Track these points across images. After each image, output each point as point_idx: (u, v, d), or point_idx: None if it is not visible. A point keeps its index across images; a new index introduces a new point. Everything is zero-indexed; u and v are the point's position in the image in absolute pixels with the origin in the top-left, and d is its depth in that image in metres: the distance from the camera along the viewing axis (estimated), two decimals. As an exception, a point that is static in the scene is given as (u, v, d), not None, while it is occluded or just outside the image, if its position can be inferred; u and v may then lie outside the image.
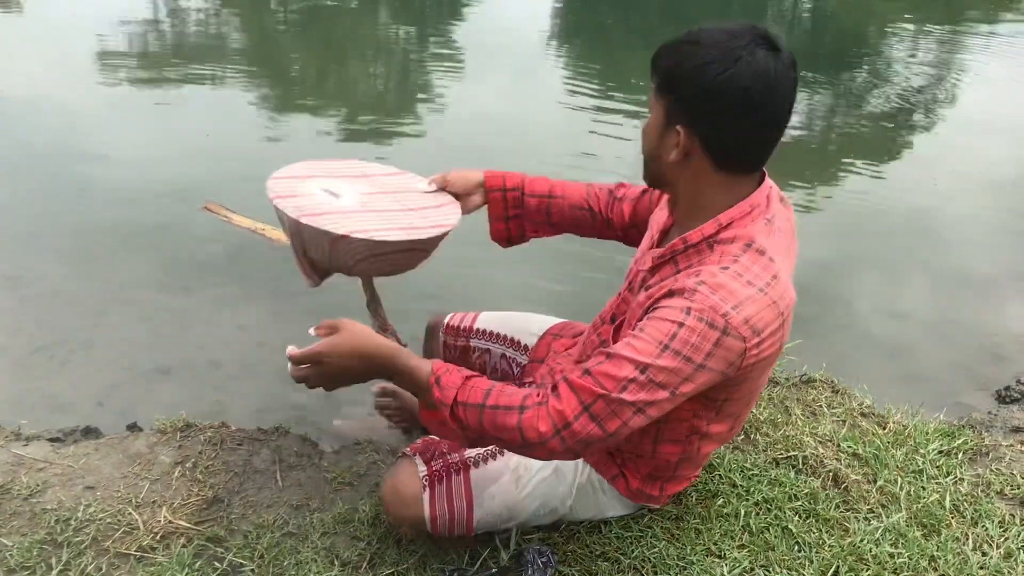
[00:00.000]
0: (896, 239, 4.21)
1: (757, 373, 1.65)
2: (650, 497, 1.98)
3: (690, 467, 1.93)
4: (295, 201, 1.91)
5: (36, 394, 2.73)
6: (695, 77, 1.49)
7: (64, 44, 6.87)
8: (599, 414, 1.49)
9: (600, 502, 1.99)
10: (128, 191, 4.14)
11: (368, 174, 2.14)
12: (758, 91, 1.48)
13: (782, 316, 1.56)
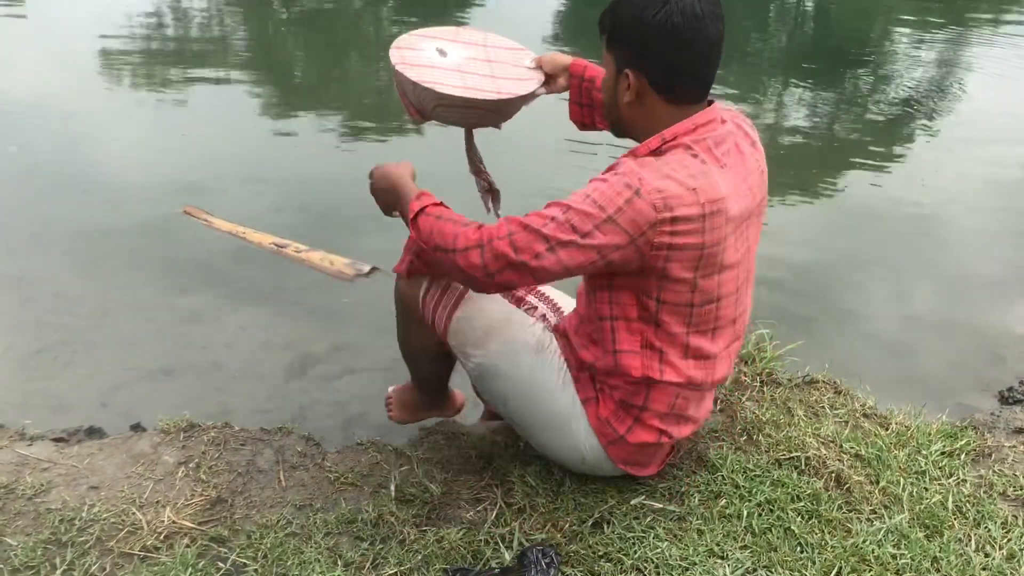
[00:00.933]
0: (899, 239, 4.21)
1: (680, 269, 1.74)
2: (616, 437, 1.99)
3: (659, 406, 1.94)
4: (406, 53, 2.18)
5: (40, 394, 2.74)
6: (633, 23, 1.74)
7: (66, 44, 6.88)
8: (518, 241, 1.71)
9: (567, 426, 2.02)
10: (131, 192, 4.15)
11: (487, 44, 2.34)
12: (688, 27, 1.70)
13: (701, 207, 1.69)
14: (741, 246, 1.84)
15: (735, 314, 1.93)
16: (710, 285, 1.80)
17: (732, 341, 1.99)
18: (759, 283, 3.49)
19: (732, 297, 1.88)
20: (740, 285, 1.90)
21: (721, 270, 1.80)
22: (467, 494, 2.17)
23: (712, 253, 1.75)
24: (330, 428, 2.65)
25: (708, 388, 2.01)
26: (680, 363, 1.88)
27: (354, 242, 3.62)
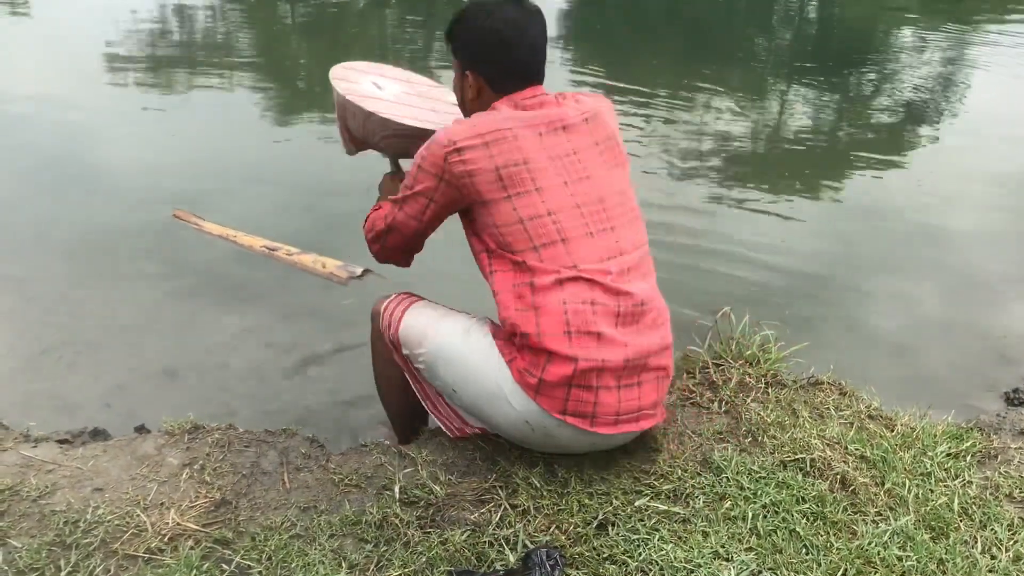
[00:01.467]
0: (904, 240, 4.20)
1: (489, 190, 2.02)
2: (536, 381, 2.01)
3: (553, 327, 1.98)
4: (347, 84, 2.40)
5: (44, 396, 2.75)
6: (468, 33, 2.13)
7: (71, 46, 6.91)
8: (384, 211, 2.20)
9: (502, 393, 2.08)
10: (135, 193, 4.16)
11: (411, 80, 2.65)
12: (511, 33, 2.09)
13: (481, 136, 2.02)
14: (564, 169, 2.07)
15: (592, 228, 2.07)
16: (531, 201, 2.02)
17: (613, 255, 2.08)
18: (764, 282, 3.49)
19: (573, 211, 2.05)
20: (582, 202, 2.07)
21: (539, 189, 2.03)
22: (471, 496, 2.16)
23: (511, 173, 2.02)
24: (334, 430, 2.66)
25: (605, 299, 2.03)
26: (545, 277, 2.00)
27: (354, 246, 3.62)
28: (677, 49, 8.19)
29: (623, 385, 2.05)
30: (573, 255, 2.03)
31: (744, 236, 4.06)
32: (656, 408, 2.17)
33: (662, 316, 2.16)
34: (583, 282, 2.01)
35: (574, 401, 2.02)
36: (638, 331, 2.07)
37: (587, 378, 2.00)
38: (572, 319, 1.99)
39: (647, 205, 4.26)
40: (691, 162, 5.05)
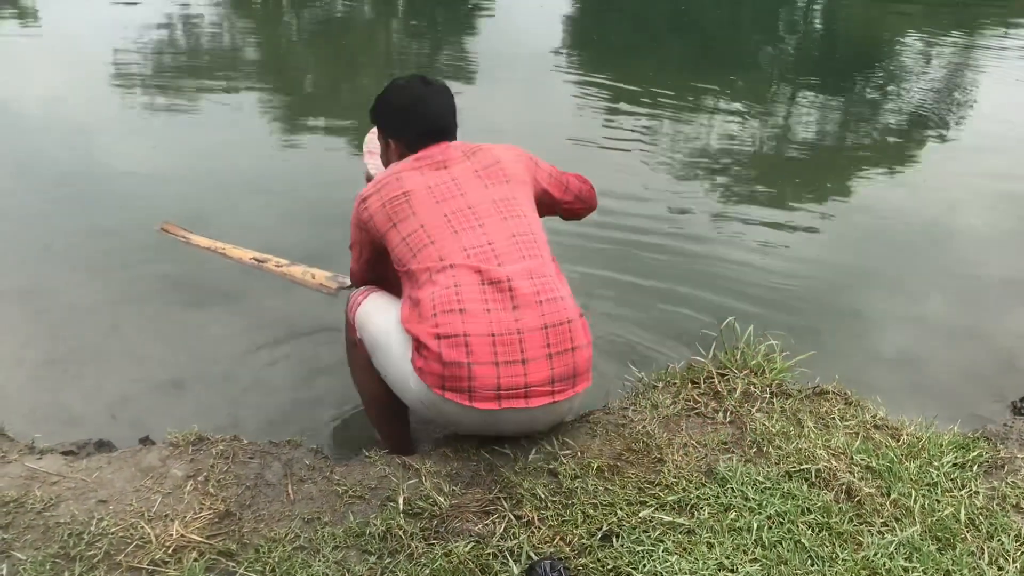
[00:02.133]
0: (909, 248, 4.19)
1: (379, 224, 2.39)
2: (420, 362, 2.22)
3: (425, 314, 2.22)
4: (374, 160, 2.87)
5: (50, 407, 2.75)
6: (383, 108, 2.58)
7: (79, 57, 6.95)
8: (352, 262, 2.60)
9: (404, 377, 2.31)
10: (141, 205, 4.17)
11: None
12: (417, 105, 2.51)
13: (376, 185, 2.43)
14: (439, 193, 2.37)
15: (457, 227, 2.32)
16: (409, 222, 2.35)
17: (480, 245, 2.29)
18: (769, 290, 3.49)
19: (441, 219, 2.33)
20: (450, 211, 2.35)
21: (415, 213, 2.35)
22: (475, 507, 2.16)
23: (394, 206, 2.37)
24: (338, 441, 2.66)
25: (470, 280, 2.24)
26: (421, 277, 2.28)
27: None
28: (681, 57, 8.19)
29: (502, 362, 2.17)
30: (440, 251, 2.29)
31: (749, 244, 4.06)
32: (557, 385, 2.23)
33: (546, 295, 2.26)
34: (448, 270, 2.25)
35: (450, 378, 2.17)
36: (509, 308, 2.21)
37: (455, 352, 2.16)
38: (438, 303, 2.21)
39: (652, 215, 4.28)
40: (695, 170, 5.05)
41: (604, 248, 3.92)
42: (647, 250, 3.92)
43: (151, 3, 9.15)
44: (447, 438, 2.49)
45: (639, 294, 3.58)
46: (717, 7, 10.61)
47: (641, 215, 4.33)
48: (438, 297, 2.21)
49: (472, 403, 2.17)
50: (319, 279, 3.25)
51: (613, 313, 3.43)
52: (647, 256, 3.87)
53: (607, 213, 4.28)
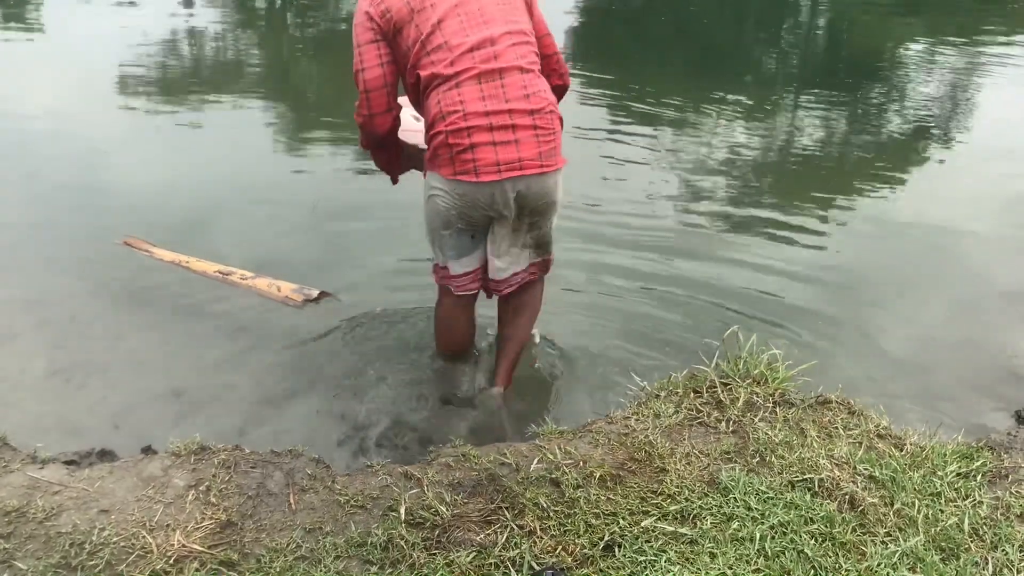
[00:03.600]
0: (913, 257, 4.18)
1: (400, 14, 2.57)
2: (433, 160, 2.62)
3: (431, 117, 2.58)
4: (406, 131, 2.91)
5: (52, 417, 2.75)
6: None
7: (83, 66, 6.98)
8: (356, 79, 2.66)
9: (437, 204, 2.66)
10: (146, 216, 4.18)
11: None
12: None
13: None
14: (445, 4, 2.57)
15: (468, 27, 2.56)
16: (428, 19, 2.55)
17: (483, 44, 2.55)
18: (771, 300, 3.48)
19: (454, 20, 2.56)
20: (464, 13, 2.57)
21: (434, 6, 2.55)
22: (477, 517, 2.16)
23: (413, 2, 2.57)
24: (340, 450, 2.65)
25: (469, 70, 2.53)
26: (427, 79, 2.56)
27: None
28: (685, 65, 8.21)
29: (499, 142, 2.55)
30: (452, 53, 2.54)
31: (752, 253, 4.05)
32: (541, 159, 2.60)
33: (532, 89, 2.60)
34: (454, 78, 2.54)
35: (459, 162, 2.56)
36: (502, 99, 2.55)
37: (461, 143, 2.54)
38: (444, 106, 2.54)
39: (655, 224, 4.29)
40: (699, 180, 5.04)
41: (606, 256, 3.92)
42: (649, 258, 3.92)
43: (152, 5, 9.20)
44: (448, 447, 2.49)
45: (641, 303, 3.57)
46: (721, 17, 10.64)
47: (643, 223, 4.33)
48: (443, 99, 2.54)
49: (478, 178, 2.55)
50: (285, 291, 3.24)
51: (615, 322, 3.43)
52: (649, 264, 3.86)
53: (609, 221, 4.29)
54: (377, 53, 2.61)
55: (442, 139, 2.55)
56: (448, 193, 2.62)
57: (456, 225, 2.70)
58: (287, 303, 3.21)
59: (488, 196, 2.59)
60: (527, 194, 2.62)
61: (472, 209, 2.64)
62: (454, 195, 2.61)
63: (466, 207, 2.64)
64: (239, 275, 3.34)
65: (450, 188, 2.60)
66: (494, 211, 2.64)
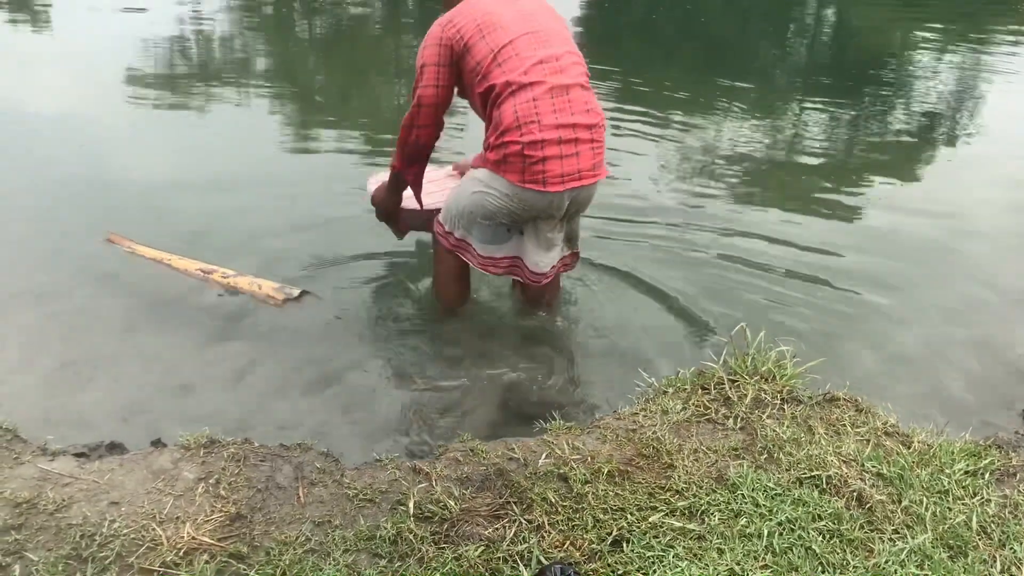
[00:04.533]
0: (921, 256, 4.18)
1: (469, 34, 2.84)
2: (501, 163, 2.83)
3: (507, 124, 2.78)
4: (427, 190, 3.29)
5: (62, 410, 2.76)
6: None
7: (89, 62, 7.00)
8: (414, 92, 2.94)
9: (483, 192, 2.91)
10: (153, 210, 4.19)
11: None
12: None
13: (459, 10, 2.90)
14: (522, 14, 2.88)
15: (536, 44, 2.85)
16: (498, 37, 2.82)
17: (549, 61, 2.83)
18: (780, 297, 3.48)
19: (524, 36, 2.84)
20: (531, 30, 2.86)
21: (505, 27, 2.83)
22: (485, 511, 2.16)
23: (486, 20, 2.83)
24: (349, 444, 2.65)
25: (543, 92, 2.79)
26: (500, 88, 2.80)
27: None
28: (692, 64, 8.20)
29: (564, 155, 2.80)
30: (523, 63, 2.79)
31: (759, 250, 4.05)
32: (595, 170, 2.90)
33: (591, 104, 2.89)
34: (528, 87, 2.78)
35: (529, 172, 2.78)
36: (569, 112, 2.81)
37: (535, 154, 2.77)
38: (521, 115, 2.76)
39: (662, 220, 4.29)
40: (706, 177, 5.05)
41: (614, 253, 3.92)
42: (656, 255, 3.92)
43: (160, 10, 9.23)
44: (457, 442, 2.49)
45: (649, 299, 3.57)
46: (728, 15, 10.63)
47: (651, 220, 4.33)
48: (520, 110, 2.77)
49: (546, 188, 2.81)
50: (265, 290, 3.25)
51: (623, 318, 3.43)
52: (656, 261, 3.86)
53: (617, 219, 4.30)
54: (436, 74, 2.89)
55: (517, 149, 2.77)
56: (508, 197, 2.87)
57: (499, 220, 2.96)
58: (268, 302, 3.23)
59: (547, 202, 2.87)
60: (578, 199, 2.93)
61: (526, 212, 2.91)
62: (515, 199, 2.87)
63: (521, 210, 2.91)
64: (220, 273, 3.36)
65: (513, 193, 2.85)
66: (546, 214, 2.92)
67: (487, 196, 2.90)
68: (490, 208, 2.91)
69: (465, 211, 2.99)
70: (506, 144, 2.79)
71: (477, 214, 2.96)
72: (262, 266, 3.64)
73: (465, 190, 2.98)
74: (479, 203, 2.92)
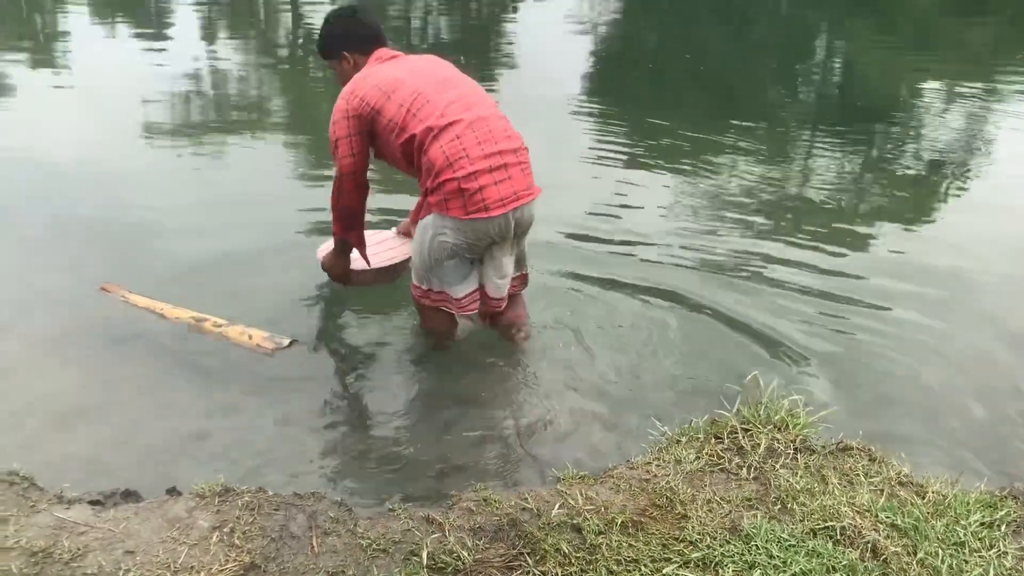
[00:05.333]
0: (932, 300, 4.16)
1: (375, 99, 3.07)
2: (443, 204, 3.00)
3: (440, 166, 2.96)
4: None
5: (78, 456, 2.77)
6: (331, 33, 3.34)
7: (108, 106, 7.11)
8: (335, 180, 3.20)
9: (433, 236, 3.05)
10: (175, 255, 4.23)
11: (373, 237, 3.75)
12: (356, 20, 3.34)
13: (365, 80, 3.13)
14: (420, 69, 3.15)
15: (445, 88, 3.09)
16: (404, 93, 3.05)
17: (459, 100, 3.05)
18: (792, 344, 3.46)
19: (431, 84, 3.08)
20: (435, 80, 3.11)
21: (407, 83, 3.07)
22: (499, 562, 2.16)
23: (387, 84, 3.08)
24: (362, 492, 2.66)
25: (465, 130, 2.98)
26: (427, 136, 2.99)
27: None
28: (700, 107, 8.26)
29: (498, 181, 2.98)
30: (437, 107, 3.00)
31: (769, 296, 4.05)
32: (530, 189, 3.10)
33: (510, 129, 3.10)
34: (449, 127, 2.97)
35: (471, 204, 2.96)
36: (492, 141, 3.00)
37: (471, 186, 2.94)
38: (450, 154, 2.94)
39: (672, 266, 4.30)
40: (714, 221, 5.05)
41: (623, 300, 3.93)
42: (666, 302, 3.92)
43: (180, 53, 9.40)
44: (470, 491, 2.50)
45: (660, 347, 3.57)
46: (735, 59, 10.73)
47: (660, 266, 4.33)
48: (448, 149, 2.95)
49: (489, 214, 2.96)
50: (256, 339, 3.27)
51: (635, 366, 3.44)
52: (666, 308, 3.87)
53: (626, 263, 4.31)
54: (350, 144, 3.11)
55: (455, 185, 2.94)
56: (460, 231, 3.02)
57: (462, 255, 3.11)
58: (257, 351, 3.24)
59: (496, 227, 3.03)
60: (521, 219, 3.10)
61: (481, 240, 3.06)
62: (467, 231, 3.02)
63: (476, 240, 3.06)
64: (212, 322, 3.38)
65: (463, 227, 3.00)
66: (499, 237, 3.08)
67: (443, 237, 3.04)
68: (449, 246, 3.05)
69: (431, 259, 3.11)
70: (443, 184, 2.96)
71: (442, 257, 3.09)
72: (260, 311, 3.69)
73: (423, 241, 3.10)
74: (440, 246, 3.06)
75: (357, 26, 3.31)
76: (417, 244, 3.14)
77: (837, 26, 13.13)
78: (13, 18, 11.50)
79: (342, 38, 3.31)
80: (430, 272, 3.15)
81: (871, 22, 12.90)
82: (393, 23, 11.75)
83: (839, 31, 12.83)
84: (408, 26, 12.22)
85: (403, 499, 2.55)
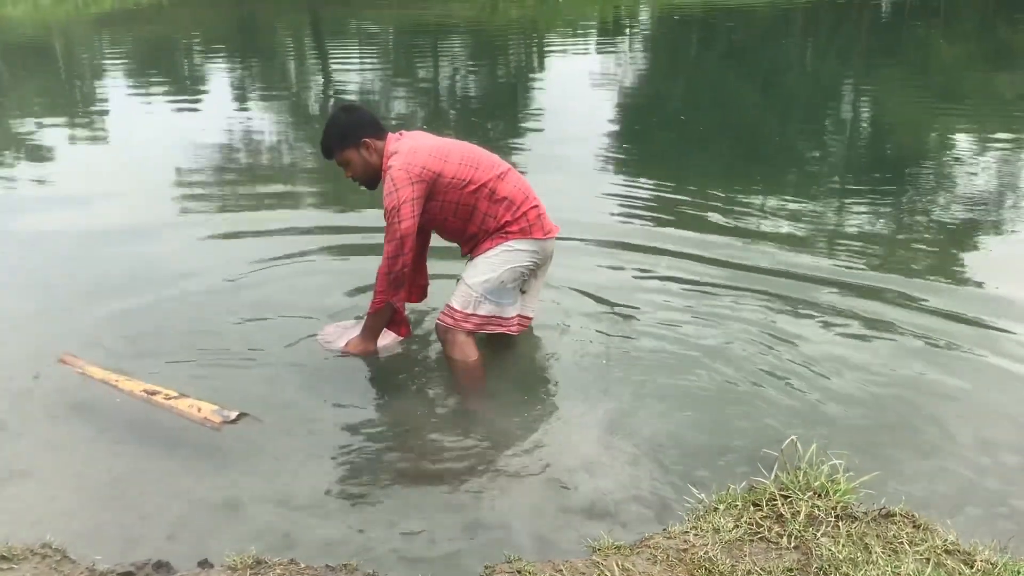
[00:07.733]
0: (972, 359, 4.07)
1: (434, 165, 3.55)
2: (527, 230, 3.70)
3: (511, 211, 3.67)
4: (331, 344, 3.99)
5: (110, 526, 2.77)
6: (342, 130, 3.66)
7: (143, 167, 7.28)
8: (391, 243, 3.55)
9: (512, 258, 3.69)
10: (206, 321, 4.27)
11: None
12: (361, 110, 3.79)
13: (415, 151, 3.56)
14: (451, 145, 3.69)
15: (477, 151, 3.75)
16: (456, 156, 3.62)
17: (500, 163, 3.75)
18: (829, 407, 3.40)
19: (468, 149, 3.71)
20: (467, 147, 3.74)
21: (452, 150, 3.64)
22: (535, 638, 2.11)
23: (437, 151, 3.59)
24: (393, 562, 2.62)
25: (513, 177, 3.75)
26: (488, 181, 3.66)
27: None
28: (728, 160, 8.28)
29: (542, 214, 3.74)
30: (489, 162, 3.67)
31: (805, 358, 3.98)
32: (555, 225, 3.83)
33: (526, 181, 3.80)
34: (505, 174, 3.67)
35: (544, 227, 3.72)
36: (526, 186, 3.74)
37: (537, 210, 3.71)
38: (520, 190, 3.68)
39: (703, 327, 4.24)
40: (745, 280, 4.99)
41: (657, 362, 3.90)
42: (700, 366, 3.88)
43: (212, 113, 9.61)
44: (500, 564, 2.45)
45: (695, 412, 3.52)
46: (762, 110, 10.79)
47: (691, 326, 4.29)
48: (516, 187, 3.66)
49: (551, 235, 3.75)
50: (204, 412, 3.24)
51: (670, 431, 3.38)
52: (701, 371, 3.83)
53: (656, 323, 4.28)
54: (412, 208, 3.48)
55: (536, 212, 3.68)
56: (535, 252, 3.69)
57: (525, 277, 3.73)
58: (205, 424, 3.20)
59: (552, 247, 3.79)
60: (552, 247, 3.81)
61: (541, 260, 3.75)
62: (539, 252, 3.71)
63: (541, 260, 3.76)
64: (163, 395, 3.35)
65: (537, 247, 3.69)
66: (546, 259, 3.80)
67: (519, 261, 3.66)
68: (520, 268, 3.68)
69: (501, 284, 3.65)
70: (526, 213, 3.65)
71: (509, 281, 3.66)
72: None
73: (493, 270, 3.63)
74: (514, 270, 3.66)
75: (367, 114, 3.70)
76: (488, 269, 3.63)
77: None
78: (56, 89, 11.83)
79: (360, 126, 3.62)
80: (491, 295, 3.65)
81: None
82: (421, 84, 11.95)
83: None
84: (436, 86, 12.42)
85: (436, 570, 2.51)
